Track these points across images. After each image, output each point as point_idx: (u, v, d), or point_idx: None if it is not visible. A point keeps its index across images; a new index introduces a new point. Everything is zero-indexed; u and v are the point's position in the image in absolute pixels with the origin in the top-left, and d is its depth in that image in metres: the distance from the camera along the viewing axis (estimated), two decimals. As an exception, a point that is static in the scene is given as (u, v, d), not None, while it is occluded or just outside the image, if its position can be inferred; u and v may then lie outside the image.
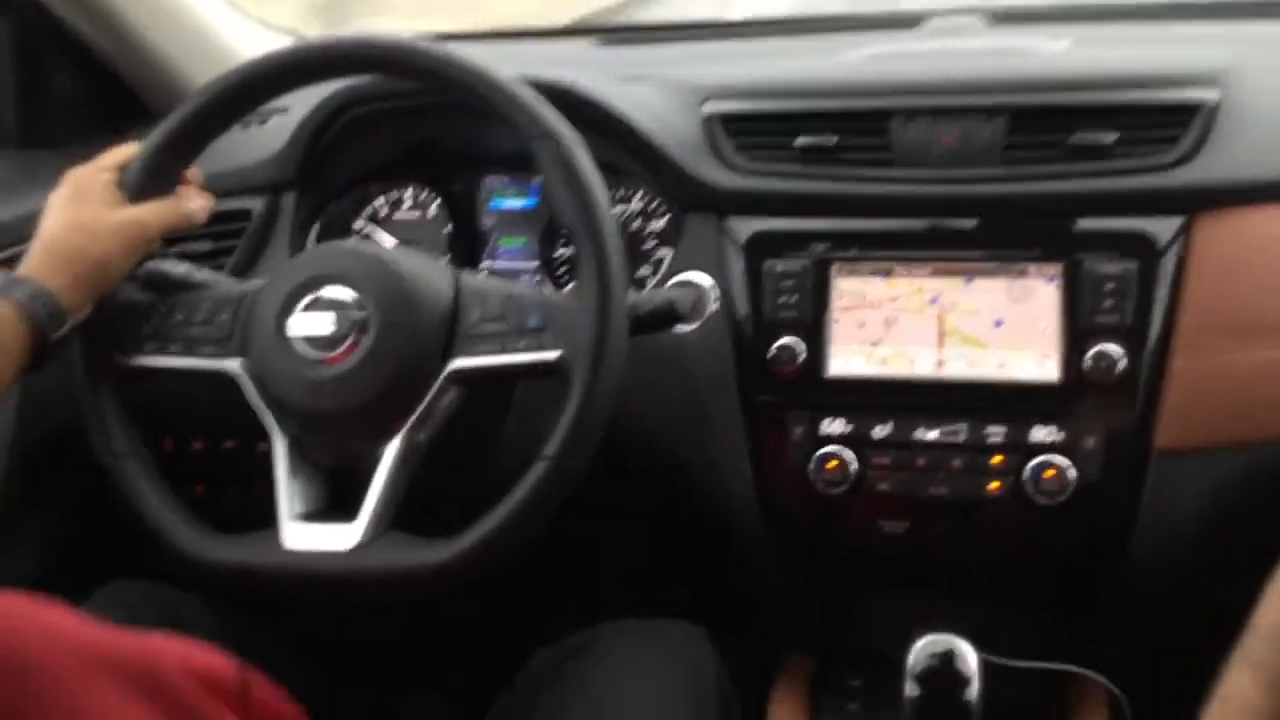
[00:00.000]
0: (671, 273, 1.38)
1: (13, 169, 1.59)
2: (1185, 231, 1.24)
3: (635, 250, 1.47)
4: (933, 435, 1.28)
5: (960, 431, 1.27)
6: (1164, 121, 1.27)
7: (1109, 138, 1.26)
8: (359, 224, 1.55)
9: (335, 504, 1.11)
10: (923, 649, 1.23)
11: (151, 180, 1.14)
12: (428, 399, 1.06)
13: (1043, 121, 1.29)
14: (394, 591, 1.12)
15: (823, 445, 1.30)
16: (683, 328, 1.34)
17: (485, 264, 1.55)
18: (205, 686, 0.89)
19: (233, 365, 1.12)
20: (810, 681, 1.45)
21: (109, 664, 0.83)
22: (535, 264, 1.52)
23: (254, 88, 1.18)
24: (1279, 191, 1.25)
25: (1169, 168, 1.26)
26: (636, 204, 1.47)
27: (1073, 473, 1.23)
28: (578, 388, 1.03)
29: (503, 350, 1.07)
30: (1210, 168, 1.25)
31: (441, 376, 1.07)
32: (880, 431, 1.29)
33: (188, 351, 1.13)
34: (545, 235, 1.51)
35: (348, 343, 1.06)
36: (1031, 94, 1.31)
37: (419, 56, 1.12)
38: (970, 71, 1.39)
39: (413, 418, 1.06)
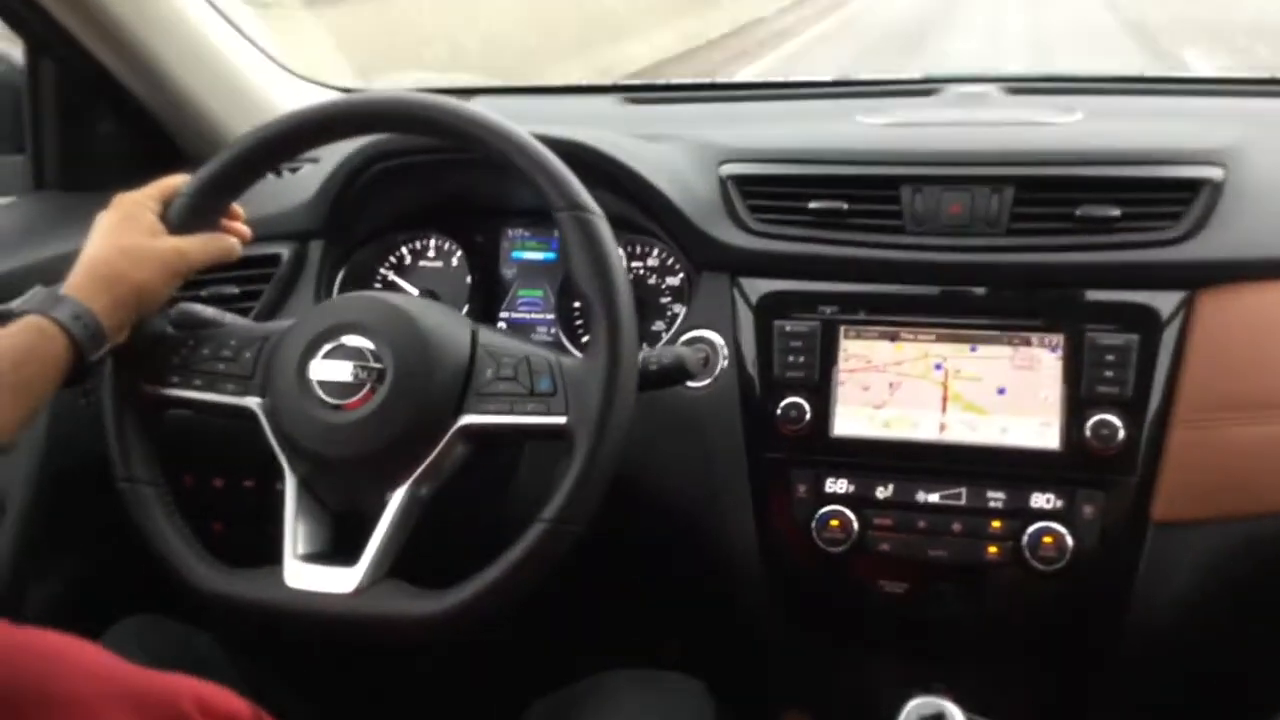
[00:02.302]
0: (684, 329, 1.42)
1: (54, 211, 1.65)
2: (1187, 306, 1.27)
3: (650, 305, 1.50)
4: (934, 498, 1.30)
5: (961, 495, 1.30)
6: (1168, 197, 1.30)
7: (1114, 211, 1.29)
8: (383, 272, 1.59)
9: (339, 547, 1.14)
10: (913, 710, 1.25)
11: (194, 215, 1.18)
12: (436, 452, 1.09)
13: (1049, 193, 1.32)
14: (385, 638, 1.16)
15: (826, 504, 1.32)
16: (693, 384, 1.37)
17: (504, 314, 1.59)
18: None
19: (252, 403, 1.15)
20: None
21: (132, 699, 0.85)
22: (552, 316, 1.56)
23: (295, 138, 1.22)
24: None
25: (1173, 243, 1.28)
26: (653, 260, 1.51)
27: (1071, 540, 1.25)
28: (581, 454, 1.06)
29: (512, 411, 1.10)
30: (1213, 244, 1.28)
31: (451, 431, 1.10)
32: (883, 492, 1.31)
33: (211, 386, 1.17)
34: (563, 287, 1.55)
35: (364, 391, 1.09)
36: (1038, 167, 1.34)
37: (453, 118, 1.16)
38: (979, 142, 1.43)
39: (420, 469, 1.09)
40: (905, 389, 1.32)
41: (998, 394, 1.30)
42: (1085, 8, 14.47)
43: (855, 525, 1.30)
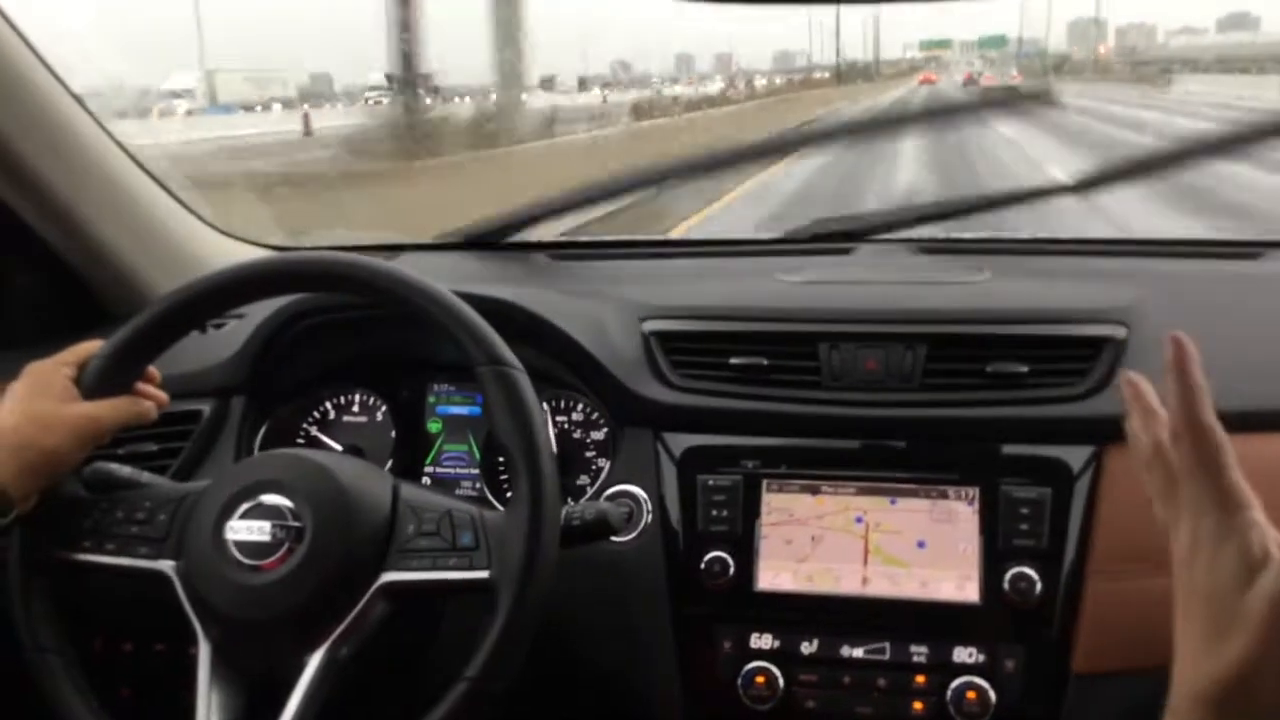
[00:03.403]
0: (608, 483, 1.42)
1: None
2: (1097, 460, 1.31)
3: (575, 460, 1.51)
4: (858, 653, 1.30)
5: (885, 650, 1.30)
6: (1074, 354, 1.35)
7: (1022, 368, 1.34)
8: (306, 427, 1.58)
9: (255, 715, 1.10)
10: None
11: (108, 380, 1.17)
12: (356, 611, 1.07)
13: (959, 350, 1.37)
14: None
15: (751, 659, 1.31)
16: (617, 539, 1.36)
17: (429, 469, 1.58)
18: None
19: (166, 566, 1.13)
20: None
21: None
22: (477, 471, 1.56)
23: (213, 300, 1.22)
24: None
25: (1079, 399, 1.33)
26: (577, 415, 1.52)
27: (993, 695, 1.26)
28: (503, 609, 1.05)
29: (434, 566, 1.08)
30: (1118, 400, 1.31)
31: (372, 589, 1.08)
32: (807, 648, 1.31)
33: (123, 550, 1.14)
34: (488, 442, 1.55)
35: (282, 550, 1.07)
36: (949, 325, 1.39)
37: (371, 275, 1.17)
38: (894, 300, 1.48)
39: (340, 629, 1.07)
40: (827, 542, 1.33)
41: (918, 547, 1.31)
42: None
43: (781, 682, 1.30)
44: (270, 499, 1.10)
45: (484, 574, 1.07)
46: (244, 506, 1.10)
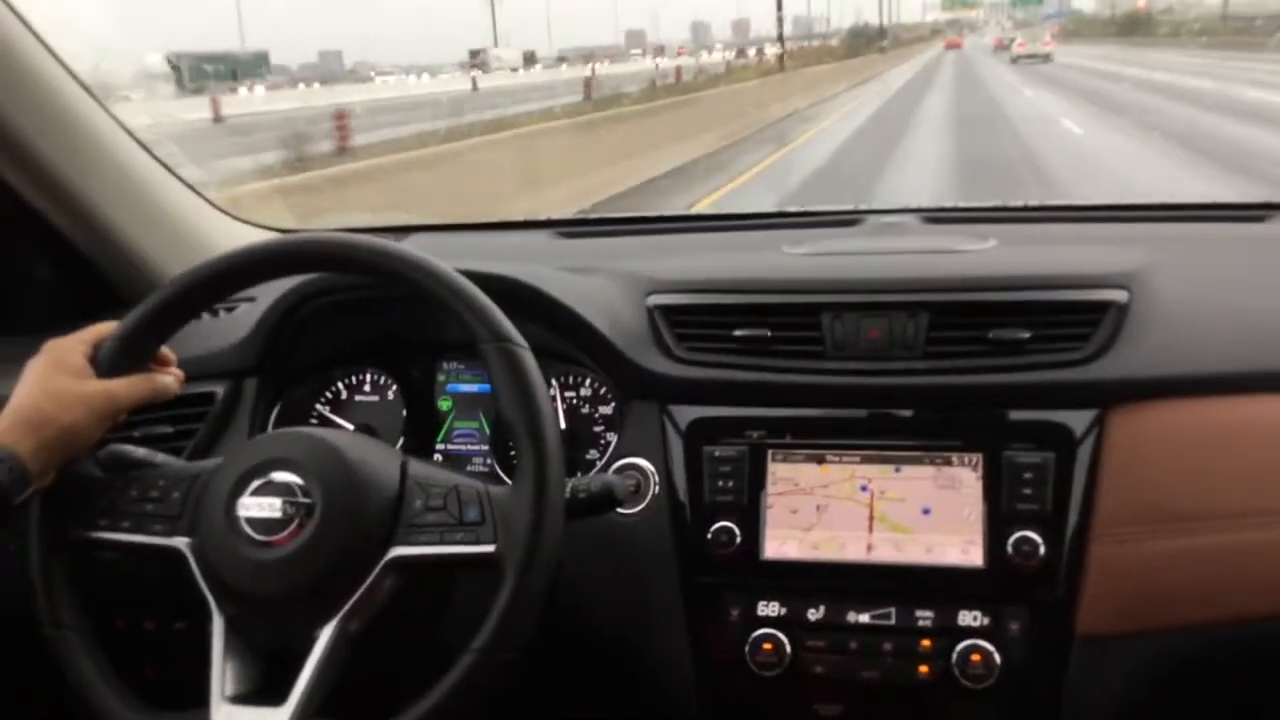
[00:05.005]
0: (616, 457, 1.44)
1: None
2: (1099, 424, 1.31)
3: (583, 434, 1.52)
4: (864, 618, 1.32)
5: (891, 615, 1.31)
6: (1076, 320, 1.36)
7: (1024, 334, 1.34)
8: (319, 408, 1.61)
9: (268, 686, 1.12)
10: None
11: (124, 358, 1.19)
12: (365, 586, 1.09)
13: (962, 318, 1.38)
14: None
15: (759, 627, 1.33)
16: (626, 511, 1.38)
17: (441, 447, 1.60)
18: None
19: (180, 543, 1.15)
20: None
21: None
22: (487, 448, 1.58)
23: (224, 280, 1.24)
24: (1187, 386, 1.33)
25: (1081, 363, 1.33)
26: (585, 390, 1.54)
27: (999, 657, 1.27)
28: (510, 582, 1.06)
29: (441, 541, 1.10)
30: (1120, 364, 1.33)
31: (381, 564, 1.10)
32: (814, 614, 1.33)
33: (138, 528, 1.16)
34: (498, 418, 1.56)
35: (292, 526, 1.09)
36: (951, 293, 1.40)
37: (377, 256, 1.18)
38: (896, 270, 1.49)
39: (349, 603, 1.09)
40: (832, 511, 1.34)
41: (922, 514, 1.32)
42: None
43: (788, 648, 1.32)
44: (281, 476, 1.12)
45: (490, 548, 1.09)
46: (255, 484, 1.12)
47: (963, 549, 1.30)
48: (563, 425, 1.50)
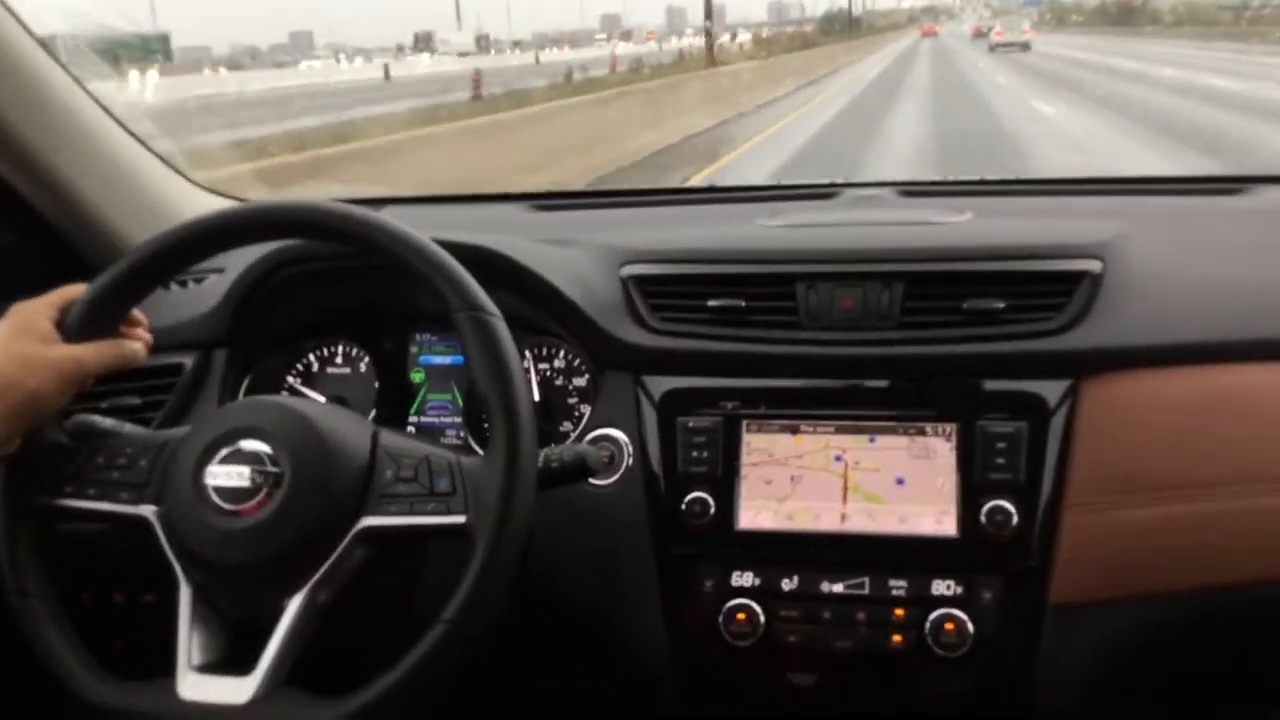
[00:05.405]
0: (590, 428, 1.43)
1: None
2: (1073, 394, 1.31)
3: (558, 406, 1.52)
4: (838, 588, 1.32)
5: (864, 585, 1.31)
6: (1050, 290, 1.36)
7: (998, 304, 1.34)
8: (290, 380, 1.59)
9: (236, 656, 1.11)
10: None
11: (92, 323, 1.18)
12: (335, 555, 1.08)
13: (936, 288, 1.37)
14: None
15: (733, 597, 1.33)
16: (600, 482, 1.38)
17: (414, 419, 1.59)
18: None
19: (147, 511, 1.13)
20: None
21: None
22: (461, 419, 1.56)
23: (194, 245, 1.22)
24: (1159, 357, 1.33)
25: (1055, 333, 1.33)
26: (559, 362, 1.53)
27: (971, 627, 1.27)
28: (480, 553, 1.05)
29: (411, 512, 1.09)
30: (1094, 334, 1.33)
31: (350, 534, 1.09)
32: (788, 584, 1.33)
33: (104, 495, 1.15)
34: (471, 390, 1.56)
35: (260, 495, 1.08)
36: (926, 263, 1.39)
37: (350, 223, 1.17)
38: (871, 241, 1.48)
39: (319, 573, 1.08)
40: (807, 481, 1.34)
41: (896, 484, 1.32)
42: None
43: (762, 618, 1.31)
44: (249, 445, 1.11)
45: (460, 519, 1.08)
46: (223, 452, 1.11)
47: (936, 519, 1.30)
48: (536, 397, 1.49)
